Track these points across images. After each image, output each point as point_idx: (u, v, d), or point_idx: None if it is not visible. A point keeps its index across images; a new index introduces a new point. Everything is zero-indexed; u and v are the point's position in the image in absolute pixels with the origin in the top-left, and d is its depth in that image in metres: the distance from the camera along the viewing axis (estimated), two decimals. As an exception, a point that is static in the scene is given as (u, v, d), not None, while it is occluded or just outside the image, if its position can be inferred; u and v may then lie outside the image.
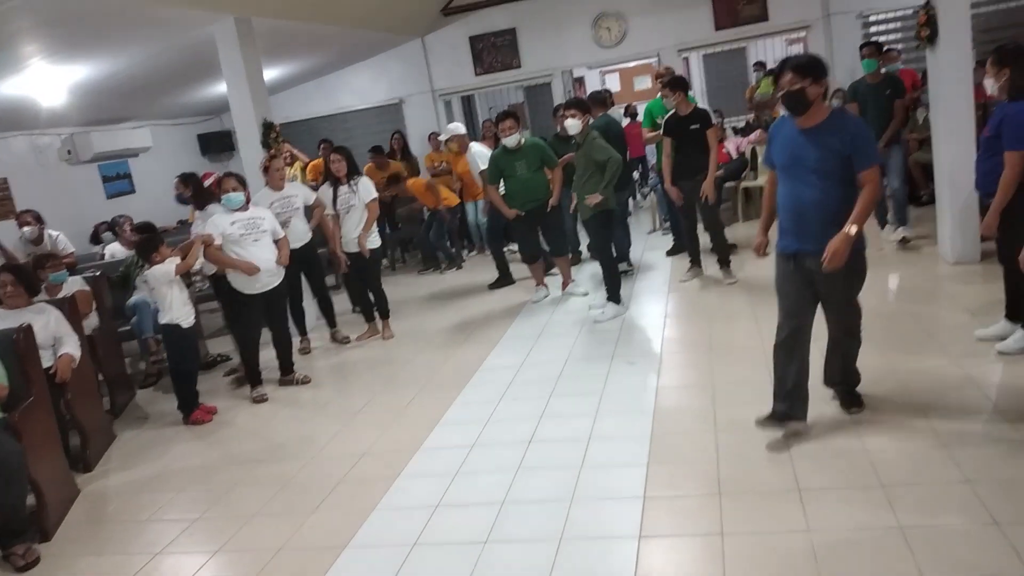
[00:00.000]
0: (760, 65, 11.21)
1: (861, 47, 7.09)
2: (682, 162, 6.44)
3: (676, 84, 6.49)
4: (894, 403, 3.87)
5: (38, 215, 6.94)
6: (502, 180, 6.75)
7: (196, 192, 6.28)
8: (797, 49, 13.26)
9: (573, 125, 6.02)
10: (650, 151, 9.72)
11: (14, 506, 3.65)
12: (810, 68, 3.40)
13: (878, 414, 3.77)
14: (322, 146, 9.01)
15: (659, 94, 7.20)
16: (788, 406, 3.64)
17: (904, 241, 6.55)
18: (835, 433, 3.65)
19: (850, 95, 7.03)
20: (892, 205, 6.77)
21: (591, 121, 6.24)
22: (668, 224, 8.38)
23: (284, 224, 5.90)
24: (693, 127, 6.33)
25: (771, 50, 12.81)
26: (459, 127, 8.33)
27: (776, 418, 3.65)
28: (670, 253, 7.70)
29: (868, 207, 3.40)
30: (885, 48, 8.41)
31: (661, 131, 6.74)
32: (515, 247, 8.62)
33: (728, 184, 8.47)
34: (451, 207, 8.94)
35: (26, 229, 6.79)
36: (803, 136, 3.47)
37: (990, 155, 4.12)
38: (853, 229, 3.36)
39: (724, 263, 6.51)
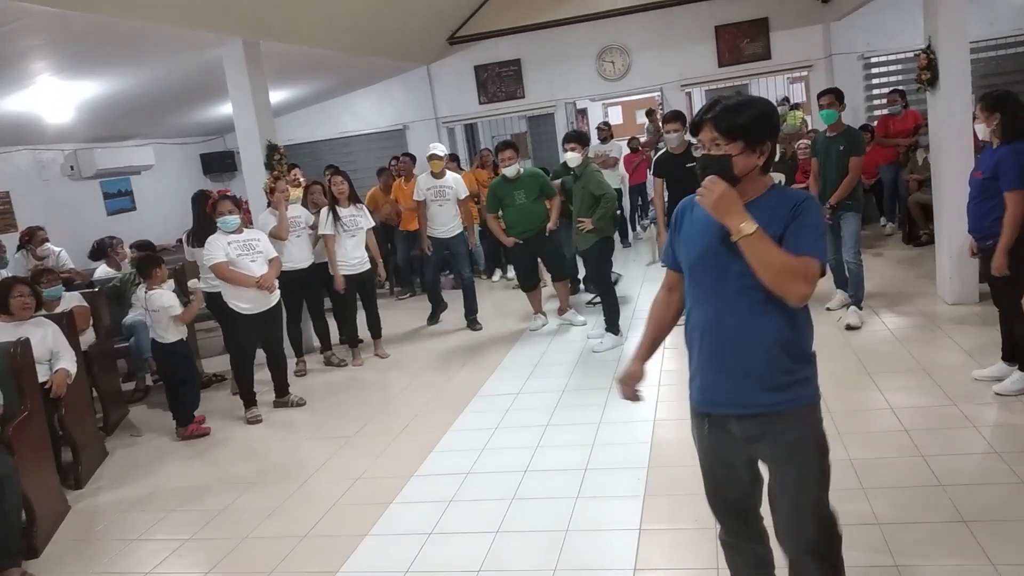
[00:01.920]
0: (784, 100, 11.28)
1: (819, 95, 6.15)
2: (676, 201, 6.04)
3: (680, 118, 6.29)
4: (890, 443, 3.86)
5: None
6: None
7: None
8: (798, 88, 13.38)
9: (573, 159, 6.12)
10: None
11: (8, 521, 3.61)
12: (742, 129, 2.03)
13: (875, 453, 3.76)
14: (327, 171, 9.07)
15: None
16: None
17: (849, 328, 5.68)
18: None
19: (811, 149, 6.41)
20: (850, 280, 5.90)
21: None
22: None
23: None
24: (689, 165, 5.87)
25: (773, 87, 12.97)
26: (438, 147, 7.34)
27: None
28: None
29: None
30: (890, 89, 8.44)
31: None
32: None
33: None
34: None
35: (48, 245, 7.21)
36: None
37: (987, 196, 4.16)
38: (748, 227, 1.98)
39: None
